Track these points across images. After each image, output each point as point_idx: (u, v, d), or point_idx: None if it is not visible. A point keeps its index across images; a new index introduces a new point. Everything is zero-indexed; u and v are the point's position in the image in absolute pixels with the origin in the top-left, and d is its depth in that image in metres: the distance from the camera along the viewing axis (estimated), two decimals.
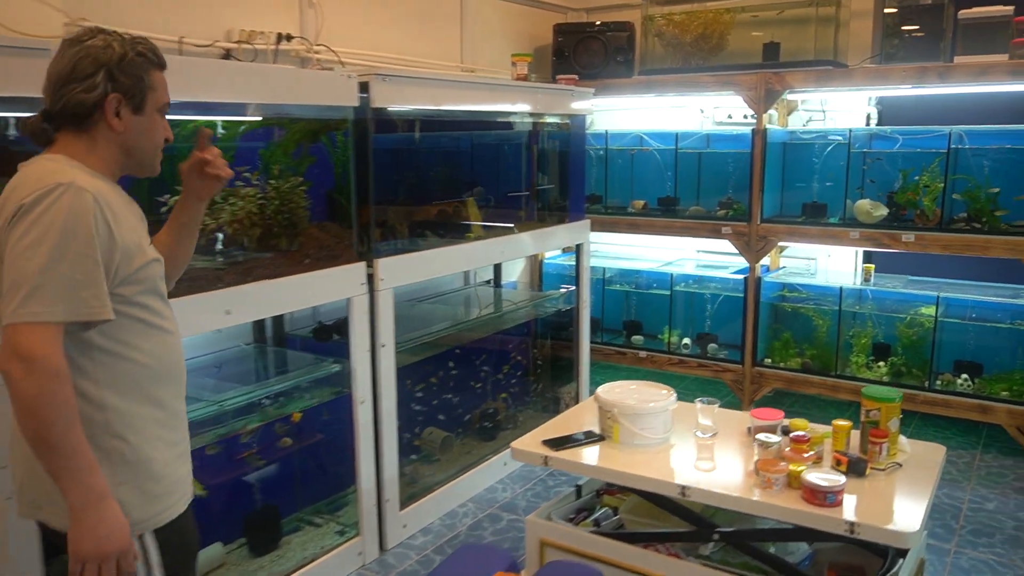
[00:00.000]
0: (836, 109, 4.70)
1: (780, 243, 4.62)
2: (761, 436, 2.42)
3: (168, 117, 1.61)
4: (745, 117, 4.73)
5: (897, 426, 2.38)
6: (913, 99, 4.40)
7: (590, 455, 2.61)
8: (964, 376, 4.14)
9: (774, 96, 4.36)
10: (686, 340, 4.94)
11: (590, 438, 2.69)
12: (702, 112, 5.03)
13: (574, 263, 4.40)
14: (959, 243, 3.98)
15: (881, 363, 4.35)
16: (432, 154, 3.84)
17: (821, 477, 2.20)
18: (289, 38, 3.41)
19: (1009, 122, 4.01)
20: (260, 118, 2.73)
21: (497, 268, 4.52)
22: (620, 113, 5.39)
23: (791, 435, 2.42)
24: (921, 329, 4.25)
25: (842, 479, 2.22)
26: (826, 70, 4.22)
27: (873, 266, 4.44)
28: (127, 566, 1.43)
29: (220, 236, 2.64)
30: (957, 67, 3.88)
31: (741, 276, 4.62)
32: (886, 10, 4.12)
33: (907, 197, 4.15)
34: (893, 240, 4.13)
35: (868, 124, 4.63)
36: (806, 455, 2.33)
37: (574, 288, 4.36)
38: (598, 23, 4.89)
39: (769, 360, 4.64)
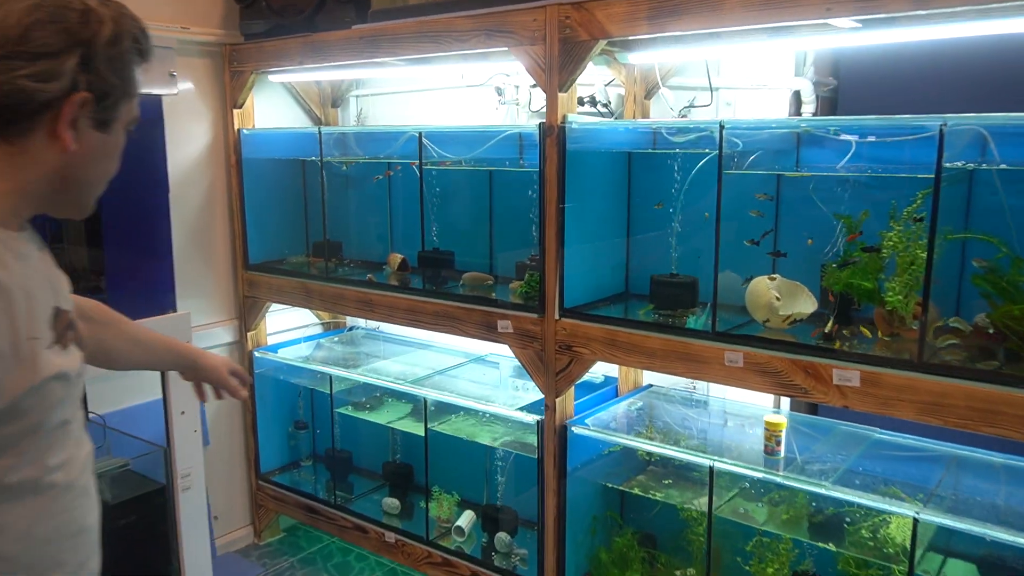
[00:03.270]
0: (737, 87, 2.35)
1: (601, 360, 2.29)
2: None
3: None
4: (595, 103, 2.42)
5: None
6: (897, 58, 2.04)
7: None
8: None
9: (578, 51, 2.06)
10: (463, 520, 2.66)
11: None
12: (500, 94, 2.72)
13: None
14: (964, 401, 1.61)
15: None
16: None
17: None
18: None
19: None
20: None
21: None
22: (400, 97, 3.14)
23: None
24: (888, 569, 1.90)
25: None
26: None
27: (786, 422, 2.06)
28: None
29: None
30: None
31: (535, 418, 2.32)
32: None
33: (844, 278, 1.80)
34: (817, 380, 1.78)
35: (800, 113, 2.28)
36: None
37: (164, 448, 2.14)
38: None
39: None
